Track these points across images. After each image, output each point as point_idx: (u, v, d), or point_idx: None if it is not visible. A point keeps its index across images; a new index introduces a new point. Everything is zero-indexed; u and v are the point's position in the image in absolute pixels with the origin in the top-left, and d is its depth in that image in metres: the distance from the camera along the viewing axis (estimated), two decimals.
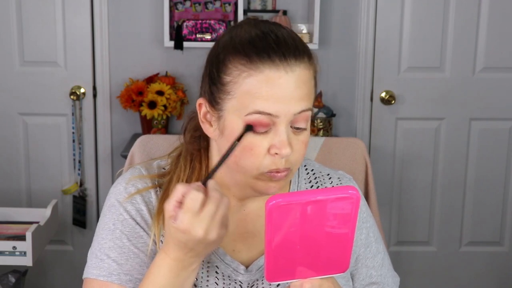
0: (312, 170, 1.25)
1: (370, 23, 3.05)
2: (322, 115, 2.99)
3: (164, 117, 2.93)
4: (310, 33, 2.98)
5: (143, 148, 1.82)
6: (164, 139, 1.81)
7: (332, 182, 1.25)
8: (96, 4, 3.00)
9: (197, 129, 1.16)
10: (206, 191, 0.96)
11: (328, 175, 1.26)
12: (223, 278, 1.14)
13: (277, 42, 1.02)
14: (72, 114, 3.06)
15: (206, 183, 0.97)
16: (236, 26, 1.09)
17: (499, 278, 3.30)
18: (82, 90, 3.06)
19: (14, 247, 2.30)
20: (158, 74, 3.01)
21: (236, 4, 2.93)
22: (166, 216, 0.97)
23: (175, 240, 0.97)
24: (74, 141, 3.07)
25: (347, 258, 0.96)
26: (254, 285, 1.15)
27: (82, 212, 3.12)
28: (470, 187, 3.20)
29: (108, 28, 3.02)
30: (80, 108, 3.08)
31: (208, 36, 2.88)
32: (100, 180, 3.15)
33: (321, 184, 1.24)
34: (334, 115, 3.02)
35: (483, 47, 3.07)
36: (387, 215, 3.19)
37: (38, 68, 3.04)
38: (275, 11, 2.99)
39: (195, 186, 0.96)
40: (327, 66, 3.08)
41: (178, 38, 2.87)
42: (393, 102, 3.10)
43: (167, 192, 1.11)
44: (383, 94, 3.11)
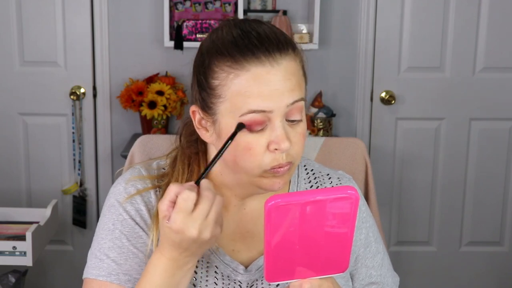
0: (311, 170, 1.25)
1: (370, 23, 3.05)
2: (322, 115, 2.99)
3: (164, 117, 2.93)
4: (310, 33, 2.98)
5: (143, 148, 1.83)
6: (164, 139, 1.81)
7: (331, 182, 1.25)
8: (96, 4, 3.00)
9: (192, 133, 1.16)
10: (199, 190, 0.96)
11: (328, 175, 1.26)
12: (223, 278, 1.14)
13: (259, 39, 1.02)
14: (72, 114, 3.06)
15: (199, 182, 0.98)
16: (216, 30, 1.08)
17: (499, 278, 3.30)
18: (82, 90, 3.06)
19: (14, 247, 2.29)
20: (158, 74, 3.01)
21: (236, 4, 2.93)
22: (160, 216, 0.97)
23: (169, 240, 0.98)
24: (74, 141, 3.07)
25: (347, 258, 0.96)
26: (253, 285, 1.15)
27: (82, 212, 3.12)
28: (470, 187, 3.20)
29: (108, 28, 3.02)
30: (80, 108, 3.08)
31: None
32: (100, 180, 3.15)
33: (320, 184, 1.24)
34: (334, 115, 3.02)
35: (483, 47, 3.07)
36: (387, 215, 3.19)
37: (38, 68, 3.04)
38: (275, 11, 2.99)
39: (188, 186, 0.96)
40: (327, 66, 3.08)
41: (178, 38, 2.87)
42: (393, 102, 3.10)
43: None
44: (383, 94, 3.11)
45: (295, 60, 1.05)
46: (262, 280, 1.15)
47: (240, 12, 2.90)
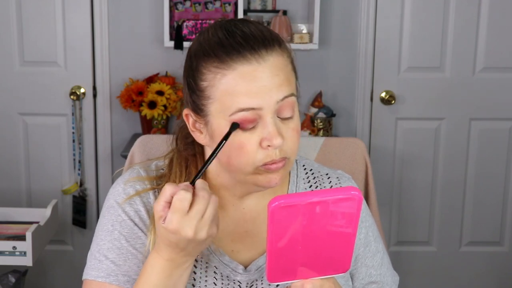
0: (310, 170, 1.25)
1: (370, 23, 3.05)
2: (322, 115, 2.99)
3: (164, 117, 2.93)
4: (310, 33, 2.98)
5: (143, 148, 1.83)
6: (164, 139, 1.80)
7: (331, 181, 1.25)
8: (96, 4, 3.00)
9: (188, 136, 1.16)
10: (194, 191, 0.96)
11: (327, 174, 1.26)
12: (222, 278, 1.14)
13: (244, 37, 1.02)
14: (72, 114, 3.06)
15: (194, 183, 0.98)
16: (203, 32, 1.09)
17: (499, 278, 3.30)
18: (82, 90, 3.06)
19: (14, 247, 2.30)
20: (158, 74, 3.01)
21: (236, 4, 2.93)
22: (155, 217, 0.97)
23: (165, 240, 0.98)
24: (74, 141, 3.07)
25: (349, 258, 0.97)
26: (253, 285, 1.15)
27: (82, 212, 3.12)
28: (470, 187, 3.20)
29: (108, 28, 3.02)
30: (80, 108, 3.08)
31: None
32: (100, 180, 3.15)
33: (320, 184, 1.24)
34: (334, 115, 3.02)
35: (483, 47, 3.07)
36: (387, 215, 3.19)
37: (38, 68, 3.04)
38: (275, 11, 2.99)
39: (183, 186, 0.96)
40: (327, 66, 3.08)
41: (178, 38, 2.87)
42: (393, 102, 3.10)
43: None
44: (383, 94, 3.11)
45: (282, 56, 1.05)
46: (261, 280, 1.15)
47: (240, 12, 2.90)
